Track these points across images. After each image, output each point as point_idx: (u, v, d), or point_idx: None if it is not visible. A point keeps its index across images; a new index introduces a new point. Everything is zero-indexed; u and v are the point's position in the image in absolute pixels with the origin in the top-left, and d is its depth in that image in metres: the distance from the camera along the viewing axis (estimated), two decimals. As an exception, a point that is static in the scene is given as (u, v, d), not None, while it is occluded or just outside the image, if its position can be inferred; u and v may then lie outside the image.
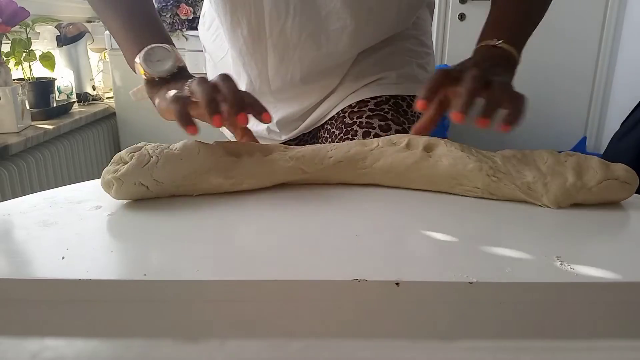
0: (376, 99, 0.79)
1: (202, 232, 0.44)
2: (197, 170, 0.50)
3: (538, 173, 0.47)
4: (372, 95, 0.79)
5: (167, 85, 0.60)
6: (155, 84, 0.62)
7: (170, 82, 0.60)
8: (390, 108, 0.78)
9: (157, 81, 0.61)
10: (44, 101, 1.71)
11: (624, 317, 0.36)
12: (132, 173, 0.48)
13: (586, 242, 0.42)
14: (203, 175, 0.50)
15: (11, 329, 0.36)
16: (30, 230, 0.44)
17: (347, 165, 0.53)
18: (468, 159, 0.49)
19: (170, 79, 0.61)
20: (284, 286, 0.35)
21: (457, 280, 0.35)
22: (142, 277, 0.36)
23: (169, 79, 0.61)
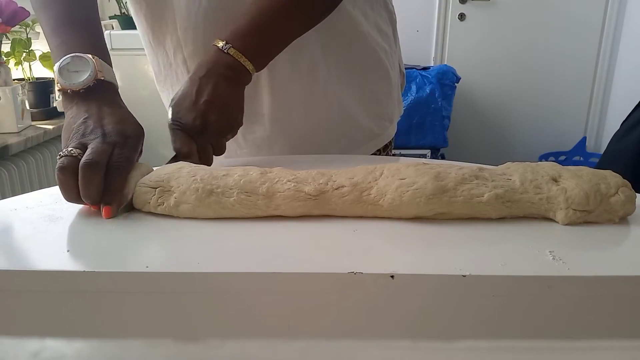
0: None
1: (202, 227, 0.44)
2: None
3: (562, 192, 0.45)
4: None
5: (82, 100, 0.54)
6: (69, 97, 0.55)
7: (86, 97, 0.54)
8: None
9: (71, 94, 0.54)
10: (44, 101, 1.71)
11: (617, 312, 0.36)
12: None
13: (579, 237, 0.42)
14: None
15: (11, 328, 0.37)
16: (36, 224, 0.45)
17: (352, 192, 0.46)
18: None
19: (85, 93, 0.54)
20: (281, 279, 0.36)
21: (451, 273, 0.35)
22: (145, 269, 0.36)
23: (84, 93, 0.54)
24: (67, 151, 0.48)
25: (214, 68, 0.58)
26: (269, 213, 0.46)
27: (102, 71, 0.56)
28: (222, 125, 0.59)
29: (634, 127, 1.28)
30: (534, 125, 2.83)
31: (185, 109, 0.57)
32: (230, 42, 0.59)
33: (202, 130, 0.57)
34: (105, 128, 0.51)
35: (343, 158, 0.75)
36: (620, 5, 2.60)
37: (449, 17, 2.73)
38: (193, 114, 0.57)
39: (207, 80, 0.58)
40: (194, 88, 0.58)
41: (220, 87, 0.58)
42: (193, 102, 0.57)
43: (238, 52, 0.58)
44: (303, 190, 0.45)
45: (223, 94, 0.58)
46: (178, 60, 0.73)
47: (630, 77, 2.57)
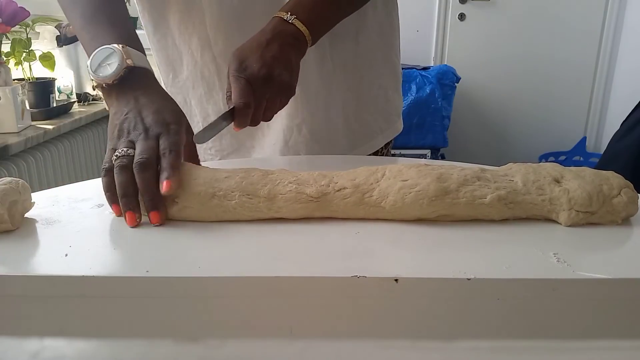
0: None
1: (202, 230, 0.44)
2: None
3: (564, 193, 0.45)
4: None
5: (121, 93, 0.54)
6: (108, 92, 0.55)
7: (122, 87, 0.54)
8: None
9: (108, 88, 0.55)
10: (44, 101, 1.71)
11: (621, 315, 0.36)
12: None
13: (582, 239, 0.42)
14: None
15: (11, 328, 0.37)
16: (33, 228, 0.45)
17: (353, 194, 0.46)
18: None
19: (120, 84, 0.54)
20: (284, 282, 0.36)
21: (455, 276, 0.35)
22: (145, 273, 0.36)
23: (119, 84, 0.54)
24: (122, 151, 0.48)
25: (279, 34, 0.60)
26: (270, 215, 0.45)
27: (131, 58, 0.55)
28: (284, 81, 0.59)
29: (634, 127, 1.28)
30: (534, 125, 2.83)
31: (253, 59, 0.58)
32: (295, 13, 0.61)
33: (265, 80, 0.58)
34: (146, 121, 0.51)
35: (344, 158, 0.74)
36: (621, 5, 2.60)
37: (449, 17, 2.73)
38: (259, 64, 0.58)
39: (273, 41, 0.59)
40: (261, 45, 0.59)
41: (286, 49, 0.60)
42: (260, 55, 0.58)
43: (301, 23, 0.60)
44: (304, 192, 0.45)
45: (288, 55, 0.60)
46: (206, 59, 0.74)
47: (630, 76, 2.57)
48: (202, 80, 0.77)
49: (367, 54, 0.78)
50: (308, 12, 0.62)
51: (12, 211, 0.43)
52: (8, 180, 0.45)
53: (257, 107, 0.59)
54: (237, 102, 0.57)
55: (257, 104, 0.58)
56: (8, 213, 0.43)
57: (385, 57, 0.80)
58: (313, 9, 0.62)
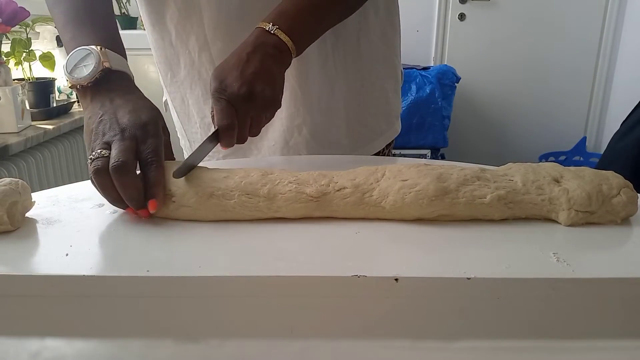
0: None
1: (203, 229, 0.44)
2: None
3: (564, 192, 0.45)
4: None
5: (96, 95, 0.53)
6: (83, 93, 0.54)
7: (97, 90, 0.53)
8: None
9: (83, 90, 0.53)
10: (44, 101, 1.71)
11: (621, 314, 0.36)
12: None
13: (582, 239, 0.42)
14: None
15: (12, 328, 0.37)
16: (34, 227, 0.45)
17: (353, 194, 0.46)
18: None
19: (96, 87, 0.53)
20: (284, 282, 0.36)
21: (455, 276, 0.35)
22: (145, 273, 0.36)
23: (94, 87, 0.53)
24: (97, 153, 0.47)
25: (260, 46, 0.58)
26: (270, 215, 0.45)
27: (108, 60, 0.54)
28: (267, 96, 0.58)
29: (634, 127, 1.28)
30: (534, 125, 2.83)
31: (232, 78, 0.56)
32: (276, 23, 0.59)
33: (247, 99, 0.56)
34: (121, 122, 0.50)
35: (343, 158, 0.74)
36: (621, 5, 2.60)
37: (449, 17, 2.72)
38: (239, 82, 0.56)
39: (253, 55, 0.57)
40: (240, 60, 0.57)
41: (267, 62, 0.58)
42: (240, 72, 0.56)
43: (283, 33, 0.59)
44: (304, 192, 0.45)
45: (270, 68, 0.58)
46: (203, 59, 0.73)
47: (630, 76, 2.57)
48: (200, 81, 0.76)
49: (369, 56, 0.78)
50: (291, 22, 0.60)
51: (12, 212, 0.43)
52: (8, 181, 0.45)
53: (242, 126, 0.57)
54: (219, 124, 0.55)
55: (241, 123, 0.57)
56: (8, 214, 0.43)
57: (387, 59, 0.80)
58: (296, 19, 0.60)
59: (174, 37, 0.74)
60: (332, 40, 0.72)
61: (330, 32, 0.67)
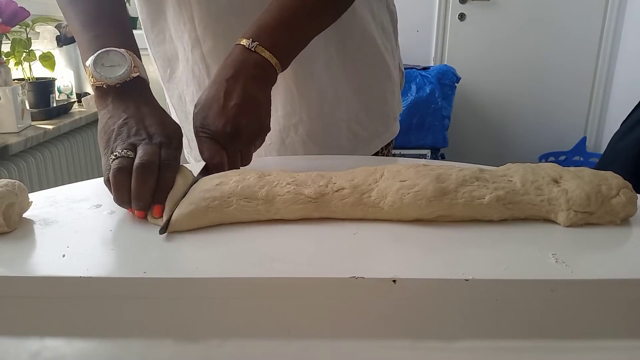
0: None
1: (200, 231, 0.44)
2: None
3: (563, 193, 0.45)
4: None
5: (118, 98, 0.53)
6: (104, 93, 0.53)
7: (122, 94, 0.53)
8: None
9: (106, 89, 0.53)
10: (44, 101, 1.71)
11: (620, 315, 0.36)
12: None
13: (581, 239, 0.42)
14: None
15: (11, 328, 0.37)
16: (31, 228, 0.45)
17: (352, 194, 0.46)
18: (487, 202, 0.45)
19: (121, 90, 0.53)
20: (282, 283, 0.36)
21: (454, 277, 0.35)
22: (142, 274, 0.36)
23: (120, 89, 0.53)
24: (123, 152, 0.47)
25: (241, 68, 0.55)
26: (269, 217, 0.45)
27: (138, 67, 0.54)
28: (253, 129, 0.56)
29: (634, 127, 1.28)
30: (534, 125, 2.83)
31: (214, 114, 0.54)
32: (256, 39, 0.55)
33: (233, 136, 0.54)
34: (149, 129, 0.50)
35: (342, 159, 0.74)
36: (621, 4, 2.60)
37: (449, 17, 2.73)
38: (223, 120, 0.53)
39: (234, 82, 0.54)
40: (221, 91, 0.54)
41: (249, 88, 0.55)
42: (222, 107, 0.54)
43: (265, 50, 0.55)
44: (303, 193, 0.45)
45: (253, 95, 0.55)
46: (196, 57, 0.73)
47: (630, 76, 2.57)
48: (194, 79, 0.76)
49: (366, 57, 0.77)
50: (272, 37, 0.56)
51: (8, 213, 0.43)
52: (4, 183, 0.45)
53: (232, 162, 0.55)
54: (209, 163, 0.53)
55: (231, 159, 0.55)
56: (4, 215, 0.43)
57: (383, 60, 0.80)
58: (278, 32, 0.57)
59: (172, 32, 0.74)
60: (327, 41, 0.72)
61: (325, 33, 0.66)
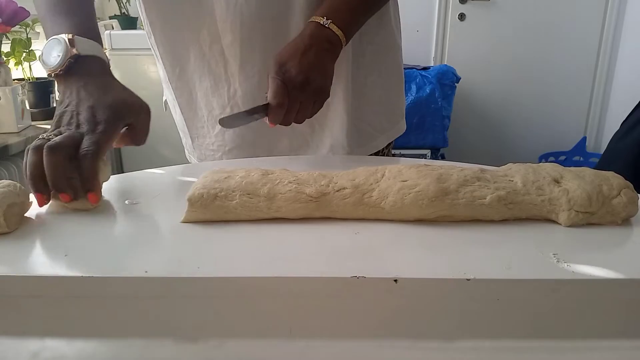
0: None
1: (201, 230, 0.44)
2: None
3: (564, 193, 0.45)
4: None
5: (65, 83, 0.56)
6: (57, 81, 0.57)
7: (66, 79, 0.56)
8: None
9: (56, 77, 0.57)
10: (44, 101, 1.71)
11: (621, 315, 0.36)
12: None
13: (582, 240, 0.42)
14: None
15: (11, 328, 0.37)
16: (32, 228, 0.45)
17: (353, 194, 0.46)
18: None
19: (66, 75, 0.56)
20: (283, 283, 0.36)
21: (455, 277, 0.35)
22: (144, 273, 0.36)
23: (65, 75, 0.56)
24: (43, 136, 0.50)
25: (317, 40, 0.63)
26: (270, 215, 0.45)
27: (76, 47, 0.56)
28: (319, 86, 0.63)
29: (634, 127, 1.28)
30: (534, 125, 2.83)
31: (291, 64, 0.61)
32: (330, 17, 0.64)
33: (302, 85, 0.61)
34: (80, 117, 0.52)
35: (344, 158, 0.75)
36: (621, 4, 2.60)
37: (449, 17, 2.72)
38: (297, 69, 0.61)
39: (310, 47, 0.63)
40: (299, 50, 0.62)
41: (322, 55, 0.63)
42: (299, 61, 0.62)
43: (337, 27, 0.64)
44: (304, 192, 0.45)
45: (324, 62, 0.64)
46: (214, 51, 0.75)
47: (630, 76, 2.57)
48: (210, 73, 0.77)
49: (372, 55, 0.78)
50: (343, 16, 0.65)
51: (9, 214, 0.43)
52: (6, 184, 0.45)
53: (291, 109, 0.62)
54: (272, 101, 0.60)
55: (290, 106, 0.62)
56: (5, 216, 0.43)
57: (389, 57, 0.81)
58: (347, 12, 0.66)
59: (185, 30, 0.75)
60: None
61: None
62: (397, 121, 0.86)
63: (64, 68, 0.55)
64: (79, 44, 0.56)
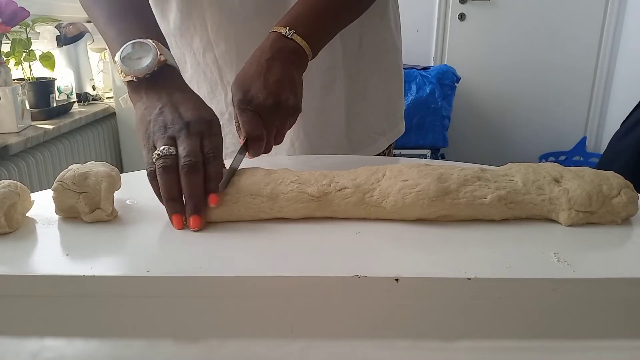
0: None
1: (204, 230, 0.44)
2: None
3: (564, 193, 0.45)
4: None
5: (151, 88, 0.53)
6: (136, 86, 0.54)
7: (154, 84, 0.53)
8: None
9: (138, 83, 0.53)
10: (44, 101, 1.71)
11: (621, 315, 0.36)
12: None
13: (582, 239, 0.42)
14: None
15: (11, 328, 0.37)
16: (34, 228, 0.45)
17: (354, 194, 0.46)
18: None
19: (152, 80, 0.53)
20: (285, 282, 0.36)
21: (456, 276, 0.35)
22: (146, 273, 0.36)
23: (150, 80, 0.53)
24: (164, 150, 0.46)
25: (279, 52, 0.58)
26: (272, 215, 0.45)
27: (164, 54, 0.54)
28: (292, 104, 0.58)
29: (634, 127, 1.28)
30: (534, 125, 2.83)
31: (256, 88, 0.57)
32: (293, 27, 0.59)
33: (273, 109, 0.57)
34: (185, 117, 0.49)
35: (345, 158, 0.74)
36: (621, 5, 2.60)
37: (449, 17, 2.72)
38: (265, 93, 0.56)
39: (273, 62, 0.58)
40: (262, 69, 0.57)
41: (287, 68, 0.58)
42: (263, 82, 0.57)
43: (301, 38, 0.59)
44: (306, 192, 0.45)
45: (291, 75, 0.59)
46: (207, 60, 0.74)
47: (630, 77, 2.57)
48: (205, 81, 0.77)
49: (371, 57, 0.78)
50: (307, 26, 0.60)
51: (10, 214, 0.43)
52: (7, 184, 0.45)
53: (268, 134, 0.58)
54: (250, 135, 0.56)
55: (267, 133, 0.57)
56: (5, 216, 0.43)
57: (389, 59, 0.81)
58: (312, 22, 0.61)
59: (178, 38, 0.75)
60: (333, 41, 0.73)
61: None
62: (397, 123, 0.86)
63: (150, 73, 0.52)
64: (165, 52, 0.54)
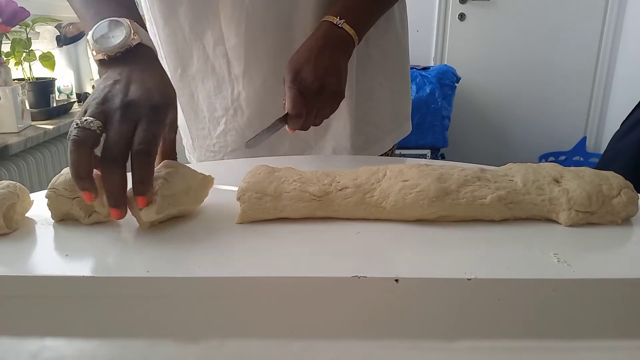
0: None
1: (203, 231, 0.44)
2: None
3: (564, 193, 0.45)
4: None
5: (117, 65, 0.49)
6: (106, 65, 0.50)
7: (122, 62, 0.49)
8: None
9: (108, 62, 0.50)
10: (44, 101, 1.71)
11: (621, 315, 0.36)
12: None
13: (582, 239, 0.42)
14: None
15: (11, 328, 0.37)
16: (33, 228, 0.45)
17: (355, 194, 0.46)
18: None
19: (122, 58, 0.50)
20: (284, 283, 0.36)
21: (456, 276, 0.35)
22: (145, 273, 0.36)
23: (121, 59, 0.50)
24: (84, 121, 0.42)
25: (330, 40, 0.64)
26: (275, 215, 0.45)
27: (138, 34, 0.51)
28: (335, 90, 0.64)
29: (634, 127, 1.28)
30: (534, 125, 2.84)
31: (306, 71, 0.62)
32: (344, 17, 0.64)
33: (318, 92, 0.62)
34: (130, 95, 0.45)
35: (347, 158, 0.75)
36: (621, 5, 2.60)
37: (449, 17, 2.73)
38: (313, 76, 0.62)
39: (324, 49, 0.64)
40: (313, 55, 0.63)
41: (335, 57, 0.64)
42: (314, 66, 0.62)
43: (350, 27, 0.65)
44: (308, 191, 0.45)
45: (338, 63, 0.64)
46: (217, 53, 0.75)
47: (630, 76, 2.57)
48: (213, 75, 0.77)
49: (378, 56, 0.78)
50: (356, 15, 0.66)
51: (9, 215, 0.43)
52: (6, 184, 0.45)
53: (309, 114, 0.63)
54: (290, 111, 0.61)
55: (308, 112, 0.62)
56: (4, 217, 0.43)
57: (395, 59, 0.81)
58: (360, 12, 0.67)
59: (187, 32, 0.75)
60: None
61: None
62: (403, 123, 0.87)
63: (122, 51, 0.49)
64: (140, 32, 0.52)
